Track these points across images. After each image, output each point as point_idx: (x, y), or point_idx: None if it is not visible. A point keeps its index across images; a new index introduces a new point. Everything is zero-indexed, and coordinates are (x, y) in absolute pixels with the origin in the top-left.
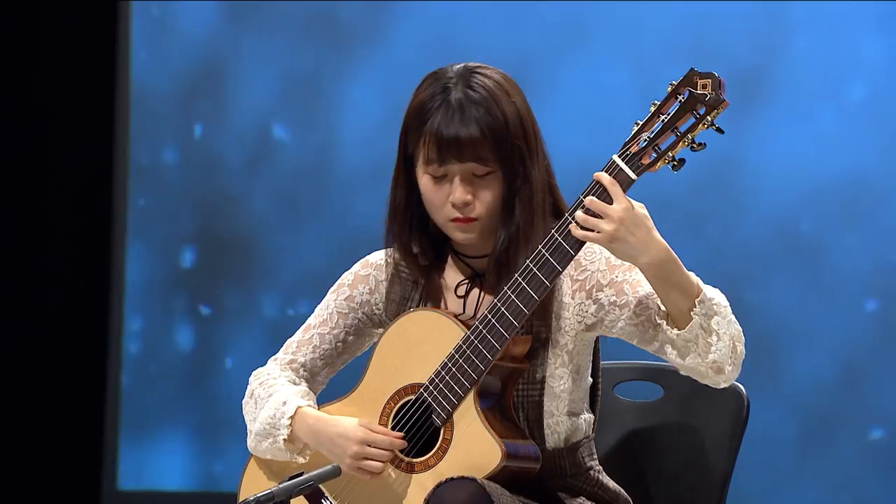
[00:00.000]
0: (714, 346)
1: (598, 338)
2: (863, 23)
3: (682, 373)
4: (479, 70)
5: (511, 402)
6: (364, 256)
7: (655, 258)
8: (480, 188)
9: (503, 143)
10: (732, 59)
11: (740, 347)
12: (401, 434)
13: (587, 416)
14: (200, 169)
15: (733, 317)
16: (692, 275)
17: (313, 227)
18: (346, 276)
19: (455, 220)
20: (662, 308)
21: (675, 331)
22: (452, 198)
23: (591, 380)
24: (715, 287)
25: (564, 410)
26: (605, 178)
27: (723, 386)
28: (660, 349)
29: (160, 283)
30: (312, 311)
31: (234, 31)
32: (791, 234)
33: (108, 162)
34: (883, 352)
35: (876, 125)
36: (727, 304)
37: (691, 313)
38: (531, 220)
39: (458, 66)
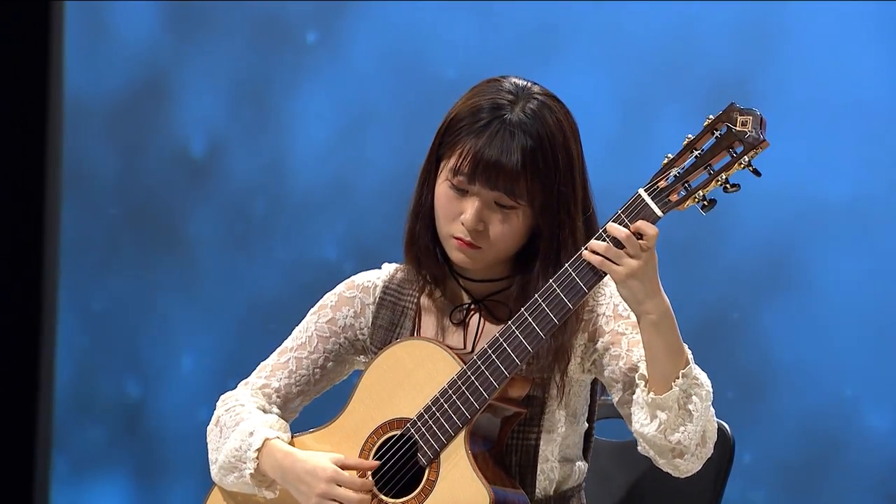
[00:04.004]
0: (684, 427)
1: (594, 382)
2: (859, 28)
3: (640, 448)
4: (540, 97)
5: (504, 446)
6: (320, 283)
7: (659, 307)
8: (497, 218)
9: (547, 187)
10: (716, 67)
11: (710, 445)
12: (375, 463)
13: (581, 464)
14: (140, 187)
15: (713, 410)
16: (685, 346)
17: (263, 250)
18: (329, 297)
19: (458, 239)
20: (645, 374)
21: (652, 395)
22: (463, 218)
23: (586, 425)
24: (708, 323)
25: (559, 456)
26: (646, 226)
27: (678, 475)
28: (629, 414)
29: (96, 312)
30: (261, 345)
31: (176, 37)
32: (781, 260)
33: (40, 179)
34: (879, 385)
35: (874, 141)
36: (710, 390)
37: (673, 383)
38: None
39: (520, 83)
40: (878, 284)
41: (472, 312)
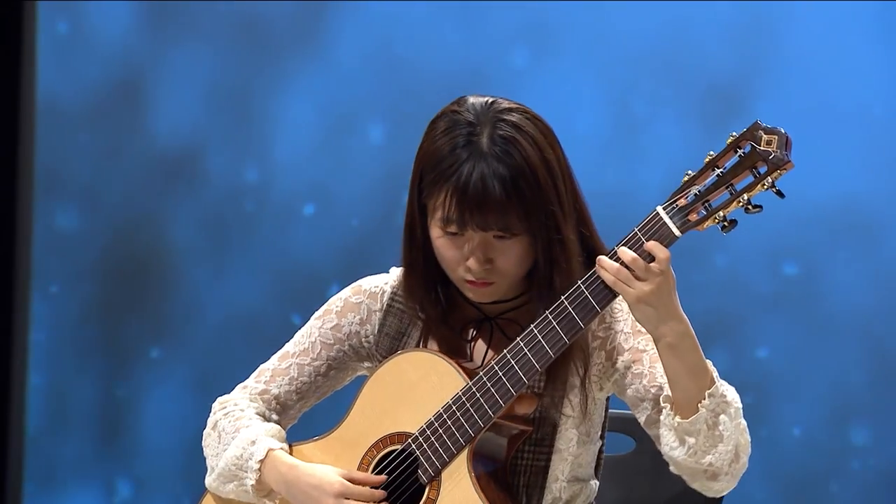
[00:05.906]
0: (714, 449)
1: (608, 399)
2: (857, 29)
3: (673, 469)
4: (507, 116)
5: (509, 465)
6: (303, 291)
7: (675, 330)
8: (501, 251)
9: (535, 210)
10: (710, 69)
11: (744, 459)
12: (383, 478)
13: (593, 483)
14: (116, 191)
15: (744, 422)
16: (709, 363)
17: (243, 261)
18: (335, 302)
19: (471, 282)
20: (669, 393)
21: (678, 419)
22: (469, 264)
23: (599, 443)
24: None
25: (569, 476)
26: (657, 248)
27: (714, 495)
28: (657, 435)
29: (69, 323)
30: (242, 355)
31: (153, 36)
32: (779, 265)
33: (12, 182)
34: (880, 401)
35: (873, 144)
36: (740, 405)
37: (699, 405)
38: (568, 286)
39: (481, 104)
40: (880, 289)
41: (483, 330)
